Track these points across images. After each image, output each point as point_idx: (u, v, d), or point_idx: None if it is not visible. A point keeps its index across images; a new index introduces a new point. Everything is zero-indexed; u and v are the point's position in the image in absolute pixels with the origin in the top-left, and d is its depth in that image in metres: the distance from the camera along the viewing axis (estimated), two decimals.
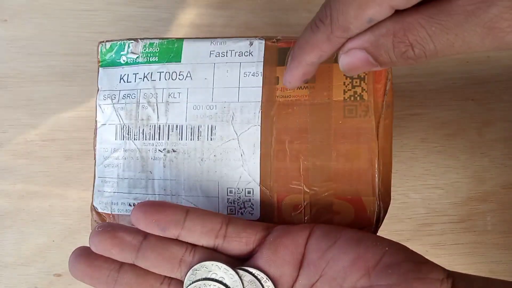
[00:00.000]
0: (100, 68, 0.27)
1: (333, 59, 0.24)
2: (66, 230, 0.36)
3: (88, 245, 0.24)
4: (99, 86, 0.27)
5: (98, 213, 0.27)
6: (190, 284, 0.23)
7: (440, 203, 0.36)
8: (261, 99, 0.25)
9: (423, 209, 0.36)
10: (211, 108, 0.25)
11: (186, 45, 0.26)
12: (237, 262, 0.24)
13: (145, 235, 0.24)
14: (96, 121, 0.27)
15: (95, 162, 0.27)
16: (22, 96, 0.37)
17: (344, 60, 0.20)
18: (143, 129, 0.26)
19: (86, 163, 0.37)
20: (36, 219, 0.36)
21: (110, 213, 0.27)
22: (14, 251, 0.36)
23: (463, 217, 0.36)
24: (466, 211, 0.36)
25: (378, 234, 0.24)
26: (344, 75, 0.24)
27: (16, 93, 0.37)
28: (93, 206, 0.27)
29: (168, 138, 0.26)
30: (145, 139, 0.26)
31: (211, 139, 0.25)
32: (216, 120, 0.25)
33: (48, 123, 0.37)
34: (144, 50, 0.27)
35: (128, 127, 0.26)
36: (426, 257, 0.22)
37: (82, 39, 0.37)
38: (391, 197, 0.25)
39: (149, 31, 0.37)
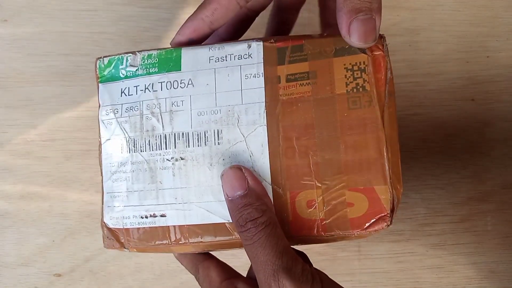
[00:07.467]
0: (99, 84, 0.27)
1: (332, 53, 0.25)
2: (66, 230, 0.36)
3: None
4: (100, 102, 0.27)
5: (110, 229, 0.27)
6: None
7: (440, 203, 0.36)
8: (264, 99, 0.25)
9: (423, 209, 0.36)
10: (216, 112, 0.25)
11: (184, 53, 0.26)
12: None
13: None
14: (100, 137, 0.27)
15: (102, 178, 0.27)
16: (22, 96, 0.37)
17: None
18: (149, 140, 0.26)
19: (86, 163, 0.37)
20: (36, 219, 0.36)
21: (122, 227, 0.26)
22: (14, 251, 0.36)
23: (463, 217, 0.36)
24: (466, 211, 0.36)
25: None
26: (344, 68, 0.24)
27: (16, 93, 0.37)
28: (104, 223, 0.27)
29: (175, 147, 0.26)
30: (152, 150, 0.26)
31: (219, 143, 0.25)
32: (221, 124, 0.25)
33: (48, 123, 0.37)
34: (143, 62, 0.27)
35: (134, 139, 0.26)
36: (426, 257, 0.22)
37: (82, 39, 0.37)
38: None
39: (149, 31, 0.37)
